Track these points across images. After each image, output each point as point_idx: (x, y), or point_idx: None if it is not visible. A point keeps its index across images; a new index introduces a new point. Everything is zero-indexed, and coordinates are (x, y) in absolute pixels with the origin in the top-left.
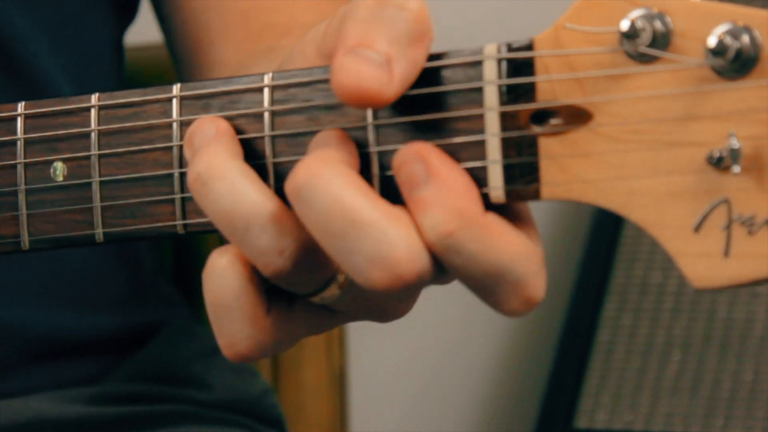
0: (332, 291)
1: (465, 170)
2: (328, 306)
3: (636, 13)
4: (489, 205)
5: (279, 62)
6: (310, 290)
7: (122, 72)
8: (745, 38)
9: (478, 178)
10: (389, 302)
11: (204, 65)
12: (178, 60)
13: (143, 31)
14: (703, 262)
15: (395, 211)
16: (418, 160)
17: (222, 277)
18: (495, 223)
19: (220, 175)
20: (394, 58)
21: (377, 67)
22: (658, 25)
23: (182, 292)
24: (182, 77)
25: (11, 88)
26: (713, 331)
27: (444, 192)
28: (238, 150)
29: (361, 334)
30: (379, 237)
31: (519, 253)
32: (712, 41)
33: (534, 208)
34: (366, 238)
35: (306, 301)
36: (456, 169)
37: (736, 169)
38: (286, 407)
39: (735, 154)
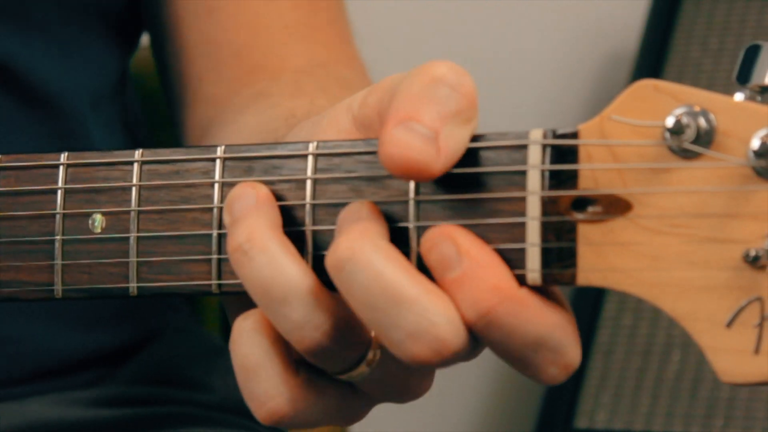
0: (361, 369)
1: (493, 249)
2: (358, 386)
3: (680, 109)
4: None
5: (271, 111)
6: (341, 368)
7: (126, 101)
8: None
9: (516, 259)
10: (414, 380)
11: (191, 100)
12: (166, 92)
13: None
14: (733, 357)
15: (434, 287)
16: (448, 242)
17: (249, 338)
18: (530, 296)
19: (260, 248)
20: (442, 134)
21: (426, 141)
22: (702, 122)
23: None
24: (170, 110)
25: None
26: None
27: (477, 270)
28: (278, 220)
29: None
30: (420, 312)
31: (556, 323)
32: (755, 143)
33: None
34: (408, 314)
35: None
36: (485, 247)
37: None
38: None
39: None
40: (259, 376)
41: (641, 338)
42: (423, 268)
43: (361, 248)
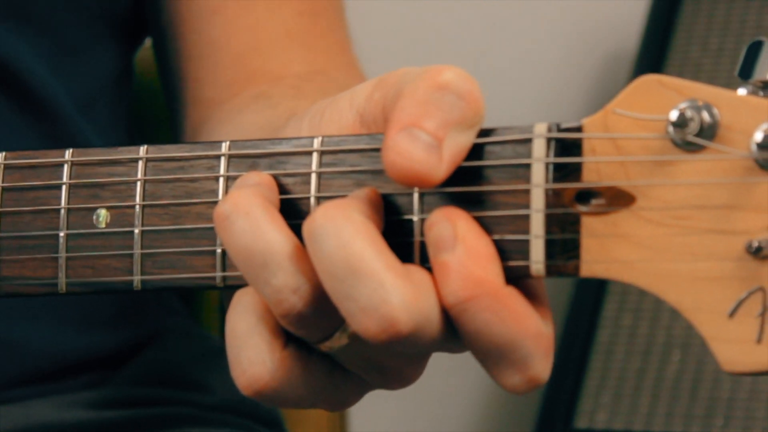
0: (340, 340)
1: (492, 241)
2: (339, 361)
3: (684, 104)
4: (525, 277)
5: (270, 111)
6: (320, 336)
7: (131, 95)
8: None
9: (520, 250)
10: (397, 362)
11: (189, 101)
12: (166, 92)
13: None
14: (735, 347)
15: (401, 266)
16: (447, 224)
17: (240, 310)
18: (513, 297)
19: (243, 212)
20: (445, 142)
21: (428, 150)
22: (705, 115)
23: (182, 301)
24: (170, 110)
25: (21, 117)
26: None
27: (467, 259)
28: (272, 197)
29: None
30: (375, 287)
31: (530, 332)
32: (758, 136)
33: None
34: (363, 287)
35: (322, 355)
36: (483, 237)
37: None
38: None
39: None
40: (246, 343)
41: (641, 338)
42: (426, 259)
43: (333, 217)
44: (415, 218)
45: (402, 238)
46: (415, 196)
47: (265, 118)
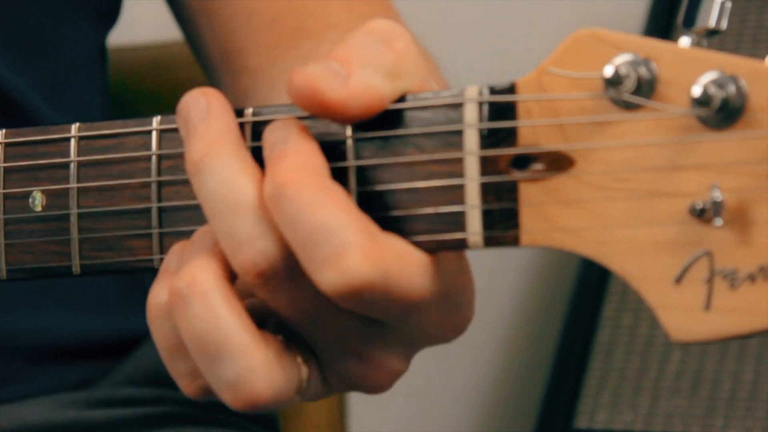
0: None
1: (319, 149)
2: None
3: (621, 58)
4: (463, 248)
5: None
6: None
7: (105, 75)
8: (731, 88)
9: (456, 222)
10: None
11: (235, 71)
12: (206, 66)
13: (143, 31)
14: (683, 315)
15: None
16: (283, 128)
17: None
18: (335, 189)
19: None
20: (354, 75)
21: (332, 73)
22: (643, 71)
23: None
24: (213, 82)
25: None
26: None
27: (296, 152)
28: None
29: None
30: (227, 185)
31: (348, 219)
32: (696, 91)
33: None
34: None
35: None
36: (313, 143)
37: (719, 221)
38: (286, 407)
39: (717, 207)
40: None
41: (641, 338)
42: (362, 207)
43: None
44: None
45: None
46: (350, 170)
47: None
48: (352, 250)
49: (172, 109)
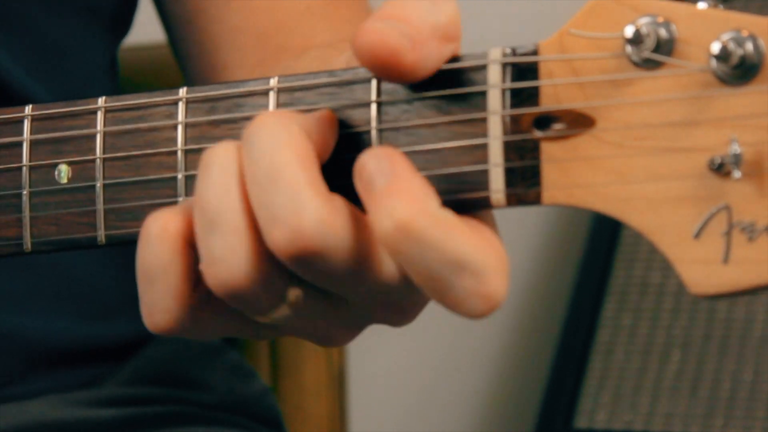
0: (282, 311)
1: (425, 178)
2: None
3: (641, 20)
4: (486, 207)
5: None
6: (260, 308)
7: (116, 85)
8: (749, 45)
9: (480, 181)
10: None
11: None
12: (191, 80)
13: (143, 31)
14: (702, 268)
15: (324, 188)
16: (380, 160)
17: (155, 239)
18: (450, 216)
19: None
20: (420, 37)
21: (401, 33)
22: (662, 31)
23: None
24: None
25: None
26: (713, 331)
27: (404, 185)
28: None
29: (360, 335)
30: (291, 197)
31: (480, 244)
32: (715, 47)
33: (534, 208)
34: (279, 195)
35: None
36: (414, 170)
37: (737, 174)
38: (286, 407)
39: (736, 160)
40: (155, 285)
41: (641, 338)
42: None
43: (269, 123)
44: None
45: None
46: (373, 132)
47: None
48: (304, 210)
49: None
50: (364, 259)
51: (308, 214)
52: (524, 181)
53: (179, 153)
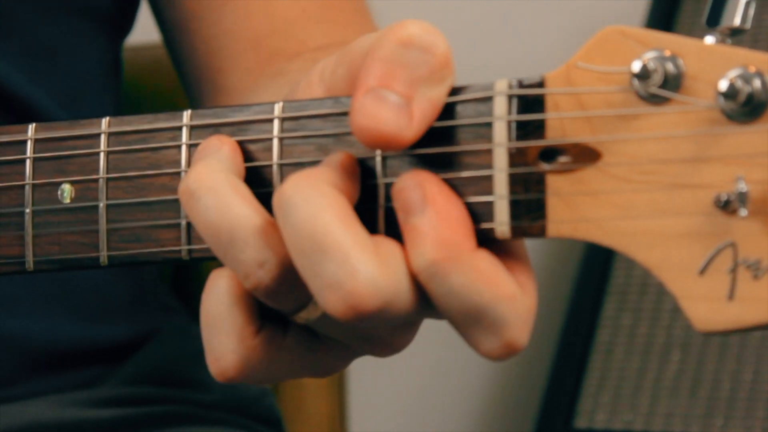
0: (316, 311)
1: (463, 203)
2: (318, 332)
3: (648, 54)
4: (492, 240)
5: (288, 88)
6: (293, 307)
7: (119, 86)
8: (757, 83)
9: (484, 212)
10: (375, 330)
11: (213, 91)
12: (186, 83)
13: (143, 31)
14: (707, 304)
15: (369, 240)
16: (417, 188)
17: (215, 292)
18: (484, 260)
19: (207, 187)
20: (414, 100)
21: (397, 111)
22: (669, 67)
23: (182, 300)
24: (191, 99)
25: (3, 119)
26: None
27: (437, 221)
28: (235, 164)
29: None
30: (341, 262)
31: (503, 295)
32: (723, 84)
33: None
34: (328, 262)
35: (300, 329)
36: (453, 200)
37: (743, 212)
38: (286, 406)
39: (743, 198)
40: (218, 330)
41: (641, 338)
42: (391, 224)
43: (301, 189)
44: (380, 182)
45: (367, 204)
46: (378, 159)
47: (283, 95)
48: (356, 273)
49: (173, 109)
50: (416, 302)
51: (362, 275)
52: (529, 213)
53: (182, 174)
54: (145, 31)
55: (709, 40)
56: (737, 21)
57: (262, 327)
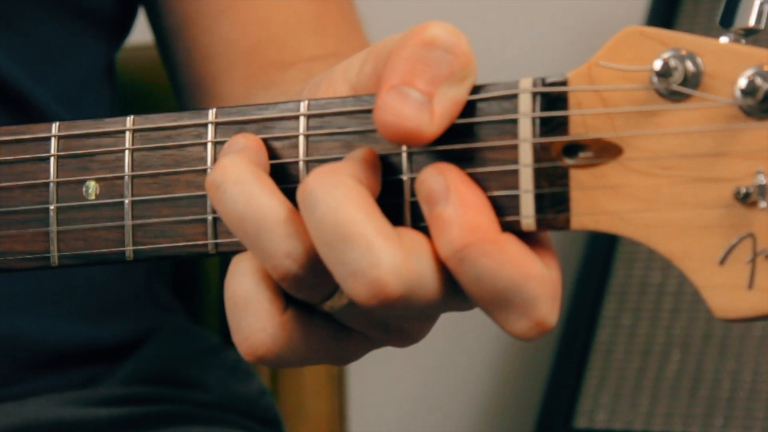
0: (341, 299)
1: (483, 191)
2: (341, 320)
3: (667, 53)
4: (517, 233)
5: (282, 98)
6: (320, 297)
7: (115, 90)
8: None
9: (509, 206)
10: (397, 320)
11: (206, 98)
12: (179, 89)
13: (143, 31)
14: (727, 293)
15: (392, 230)
16: (439, 177)
17: (239, 275)
18: (510, 242)
19: (233, 180)
20: (436, 97)
21: (418, 107)
22: (689, 65)
23: (181, 300)
24: (181, 105)
25: (5, 117)
26: (713, 331)
27: (462, 208)
28: (260, 159)
29: None
30: (364, 251)
31: (532, 274)
32: (742, 82)
33: None
34: (352, 251)
35: (324, 317)
36: (475, 188)
37: (763, 204)
38: (286, 406)
39: (762, 190)
40: (246, 310)
41: (641, 338)
42: (417, 219)
43: (324, 182)
44: (405, 178)
45: (393, 199)
46: (404, 156)
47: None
48: (380, 262)
49: (173, 109)
50: (440, 290)
51: (385, 263)
52: (554, 206)
53: (209, 171)
54: (145, 31)
55: (724, 40)
56: (752, 21)
57: (288, 305)
